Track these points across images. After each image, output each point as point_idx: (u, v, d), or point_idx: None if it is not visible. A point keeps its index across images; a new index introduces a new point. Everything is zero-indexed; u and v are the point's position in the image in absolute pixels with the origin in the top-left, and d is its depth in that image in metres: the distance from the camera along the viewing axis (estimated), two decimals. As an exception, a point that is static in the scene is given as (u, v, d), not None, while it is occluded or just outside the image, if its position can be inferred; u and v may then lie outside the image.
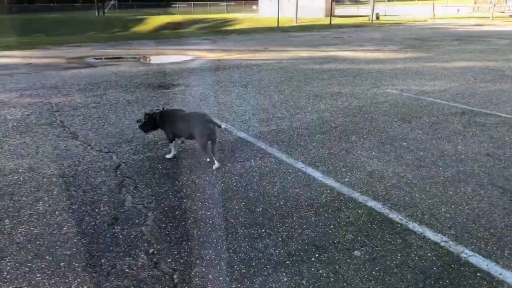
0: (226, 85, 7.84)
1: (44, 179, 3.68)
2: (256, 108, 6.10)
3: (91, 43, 16.22)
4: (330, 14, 28.08)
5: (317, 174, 3.76)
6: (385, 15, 39.11)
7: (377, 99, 6.60)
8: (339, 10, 47.39)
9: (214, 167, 3.86)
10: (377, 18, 32.11)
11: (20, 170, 3.88)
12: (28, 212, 3.12)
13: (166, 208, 3.16)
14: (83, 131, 5.08)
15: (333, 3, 32.13)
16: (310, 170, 3.85)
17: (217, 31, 20.84)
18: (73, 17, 54.27)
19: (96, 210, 3.14)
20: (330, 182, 3.60)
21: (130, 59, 11.70)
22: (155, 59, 11.92)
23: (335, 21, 28.94)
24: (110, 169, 3.91)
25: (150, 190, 3.47)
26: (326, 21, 28.27)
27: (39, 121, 5.54)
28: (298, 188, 3.48)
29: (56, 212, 3.11)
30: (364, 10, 43.96)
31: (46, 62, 11.21)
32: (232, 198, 3.32)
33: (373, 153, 4.29)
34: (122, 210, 3.14)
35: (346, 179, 3.65)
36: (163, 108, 4.18)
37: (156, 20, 50.05)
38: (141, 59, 11.73)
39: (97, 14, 56.17)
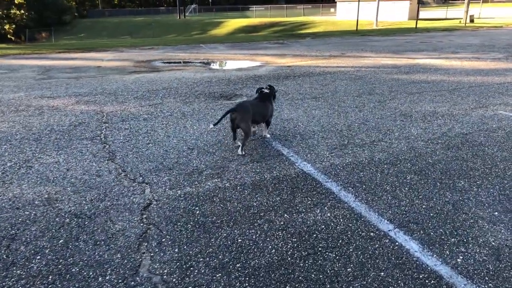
0: (294, 97, 6.82)
1: (57, 219, 2.96)
2: (328, 130, 5.00)
3: (163, 46, 16.19)
4: (417, 16, 25.66)
5: (412, 246, 2.59)
6: (479, 18, 35.23)
7: (487, 125, 5.13)
8: (424, 12, 43.90)
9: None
10: (471, 21, 28.85)
11: (36, 202, 3.22)
12: (17, 272, 2.38)
13: (190, 287, 2.23)
14: (124, 150, 4.39)
15: (419, 5, 29.48)
16: (401, 237, 2.68)
17: (290, 35, 19.88)
18: (157, 20, 57.05)
19: (100, 279, 2.31)
20: (433, 262, 2.41)
21: (198, 64, 11.18)
22: (222, 65, 11.27)
23: (421, 24, 26.47)
24: (137, 209, 3.10)
25: (176, 250, 2.57)
26: (410, 24, 25.96)
27: (83, 134, 4.98)
28: (384, 271, 2.35)
29: (50, 278, 2.33)
30: (453, 12, 40.12)
31: (115, 65, 11.09)
32: (285, 278, 2.29)
33: (496, 213, 2.99)
34: (132, 283, 2.27)
35: (458, 260, 2.44)
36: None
37: (233, 23, 50.67)
38: (208, 64, 11.14)
39: (178, 17, 58.50)
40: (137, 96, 7.09)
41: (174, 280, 2.30)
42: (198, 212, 3.05)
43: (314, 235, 2.72)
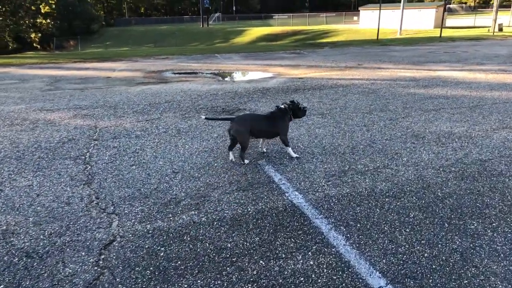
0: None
1: (5, 257, 2.65)
2: (329, 152, 4.56)
3: (178, 56, 16.07)
4: (441, 24, 24.76)
5: (405, 312, 2.13)
6: (509, 26, 33.83)
7: (510, 150, 4.57)
8: (451, 20, 42.61)
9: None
10: (500, 29, 27.67)
11: (-9, 235, 2.93)
12: None
13: None
14: (104, 173, 4.08)
15: (445, 13, 28.54)
16: (394, 299, 2.23)
17: (309, 44, 19.45)
18: (181, 28, 57.80)
19: None
20: (429, 337, 1.95)
21: (208, 75, 10.92)
22: (232, 76, 10.96)
23: (447, 33, 25.53)
24: (97, 247, 2.76)
25: (124, 306, 2.20)
26: (435, 32, 25.10)
27: (69, 153, 4.72)
28: None
29: (-30, 338, 2.00)
30: (482, 20, 38.71)
31: (125, 75, 10.96)
32: None
33: (513, 268, 2.49)
34: None
35: (461, 336, 1.96)
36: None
37: (255, 32, 50.67)
38: (219, 75, 10.86)
39: (201, 26, 59.04)
40: (137, 110, 6.84)
41: None
42: (162, 254, 2.68)
43: (289, 291, 2.30)
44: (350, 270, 2.48)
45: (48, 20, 34.94)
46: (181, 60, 14.55)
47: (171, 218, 3.15)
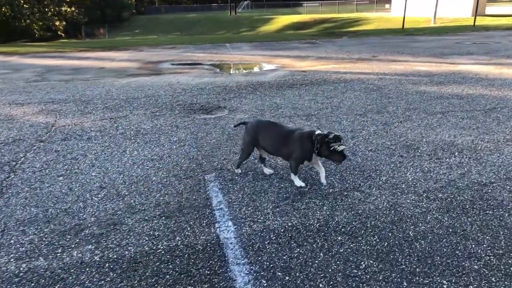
0: (283, 113, 5.63)
1: None
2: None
3: (187, 45, 15.46)
4: (475, 13, 22.86)
5: None
6: (556, 14, 31.05)
7: (520, 170, 3.65)
8: (492, 8, 39.74)
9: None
10: (543, 18, 25.30)
11: None
12: None
13: None
14: (22, 185, 3.52)
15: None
16: None
17: (328, 33, 18.31)
18: (209, 16, 57.32)
19: None
20: None
21: (206, 66, 10.25)
22: (231, 68, 10.23)
23: (484, 21, 23.60)
24: None
25: None
26: (472, 21, 23.19)
27: (3, 157, 4.20)
28: None
29: None
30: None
31: (120, 66, 10.46)
32: None
33: None
34: None
35: None
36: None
37: (282, 20, 49.38)
38: (217, 67, 10.17)
39: (229, 14, 58.30)
40: (109, 105, 6.27)
41: None
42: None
43: None
44: None
45: (73, 8, 35.10)
46: (188, 50, 13.93)
47: (58, 255, 2.52)
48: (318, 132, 3.13)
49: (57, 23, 32.88)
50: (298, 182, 3.37)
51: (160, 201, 3.19)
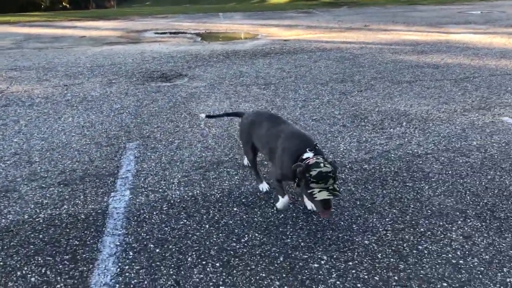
0: (244, 81, 5.38)
1: None
2: (226, 135, 3.59)
3: (179, 14, 15.04)
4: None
5: None
6: None
7: (464, 140, 3.37)
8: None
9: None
10: None
11: None
12: None
13: None
14: None
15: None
16: None
17: (328, 3, 17.56)
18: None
19: None
20: None
21: (188, 35, 9.93)
22: (212, 37, 9.88)
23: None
24: None
25: None
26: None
27: None
28: None
29: None
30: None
31: (101, 35, 10.22)
32: None
33: None
34: None
35: None
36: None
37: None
38: (199, 36, 9.84)
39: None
40: (69, 73, 6.09)
41: None
42: None
43: None
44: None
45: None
46: (178, 19, 13.53)
47: None
48: (308, 154, 2.10)
49: (61, -8, 32.48)
50: (279, 203, 2.41)
51: (67, 168, 3.03)
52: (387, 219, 2.32)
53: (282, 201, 2.37)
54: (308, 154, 2.10)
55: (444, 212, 2.37)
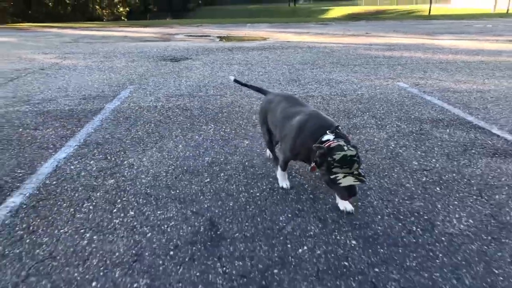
0: (231, 62, 7.08)
1: None
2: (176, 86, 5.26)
3: (213, 24, 17.16)
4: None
5: None
6: None
7: (360, 91, 4.78)
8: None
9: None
10: None
11: None
12: None
13: None
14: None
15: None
16: None
17: (351, 18, 19.02)
18: (268, 7, 58.86)
19: None
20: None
21: (211, 37, 11.83)
22: (231, 38, 11.71)
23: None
24: None
25: None
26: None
27: (9, 76, 6.11)
28: None
29: None
30: None
31: (140, 36, 12.44)
32: None
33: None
34: None
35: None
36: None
37: (336, 11, 49.53)
38: (219, 38, 11.71)
39: (288, 5, 59.49)
40: (106, 56, 8.10)
41: None
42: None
43: None
44: None
45: (136, -4, 38.66)
46: (210, 27, 15.61)
47: None
48: (328, 137, 1.98)
49: (121, 9, 36.54)
50: (281, 181, 2.42)
51: (87, 94, 4.83)
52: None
53: (284, 179, 2.39)
54: (328, 137, 1.97)
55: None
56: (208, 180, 2.51)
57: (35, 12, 28.99)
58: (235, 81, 3.01)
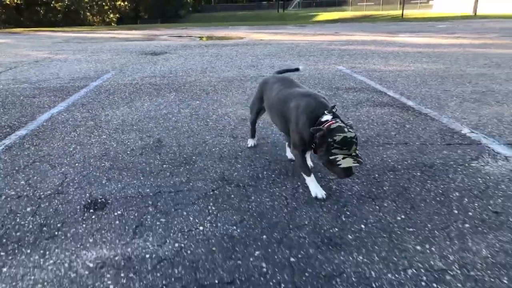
0: (204, 54, 8.05)
1: None
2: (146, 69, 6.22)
3: (197, 27, 18.19)
4: (475, 5, 23.27)
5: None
6: None
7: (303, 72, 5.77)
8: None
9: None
10: None
11: None
12: None
13: None
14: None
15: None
16: None
17: (331, 20, 20.20)
18: (258, 13, 60.13)
19: None
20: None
21: (192, 37, 12.82)
22: (210, 38, 12.71)
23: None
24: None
25: None
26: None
27: None
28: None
29: None
30: None
31: (126, 36, 13.43)
32: None
33: (140, 103, 4.05)
34: None
35: (56, 115, 3.67)
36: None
37: (324, 17, 50.81)
38: (198, 38, 12.71)
39: (277, 11, 60.85)
40: (94, 52, 9.05)
41: None
42: (-20, 93, 4.73)
43: None
44: None
45: (126, 3, 39.66)
46: (194, 30, 16.64)
47: None
48: (326, 117, 1.97)
49: (111, 15, 37.55)
50: (314, 189, 2.13)
51: (74, 76, 5.78)
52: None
53: (315, 185, 2.13)
54: (327, 117, 1.96)
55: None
56: (162, 121, 3.48)
57: (27, 20, 29.96)
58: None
